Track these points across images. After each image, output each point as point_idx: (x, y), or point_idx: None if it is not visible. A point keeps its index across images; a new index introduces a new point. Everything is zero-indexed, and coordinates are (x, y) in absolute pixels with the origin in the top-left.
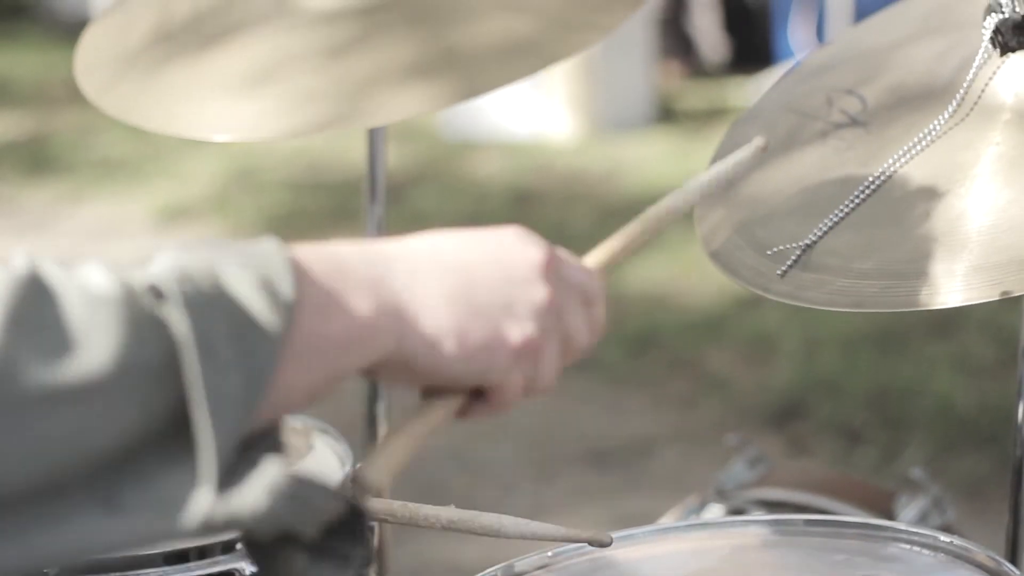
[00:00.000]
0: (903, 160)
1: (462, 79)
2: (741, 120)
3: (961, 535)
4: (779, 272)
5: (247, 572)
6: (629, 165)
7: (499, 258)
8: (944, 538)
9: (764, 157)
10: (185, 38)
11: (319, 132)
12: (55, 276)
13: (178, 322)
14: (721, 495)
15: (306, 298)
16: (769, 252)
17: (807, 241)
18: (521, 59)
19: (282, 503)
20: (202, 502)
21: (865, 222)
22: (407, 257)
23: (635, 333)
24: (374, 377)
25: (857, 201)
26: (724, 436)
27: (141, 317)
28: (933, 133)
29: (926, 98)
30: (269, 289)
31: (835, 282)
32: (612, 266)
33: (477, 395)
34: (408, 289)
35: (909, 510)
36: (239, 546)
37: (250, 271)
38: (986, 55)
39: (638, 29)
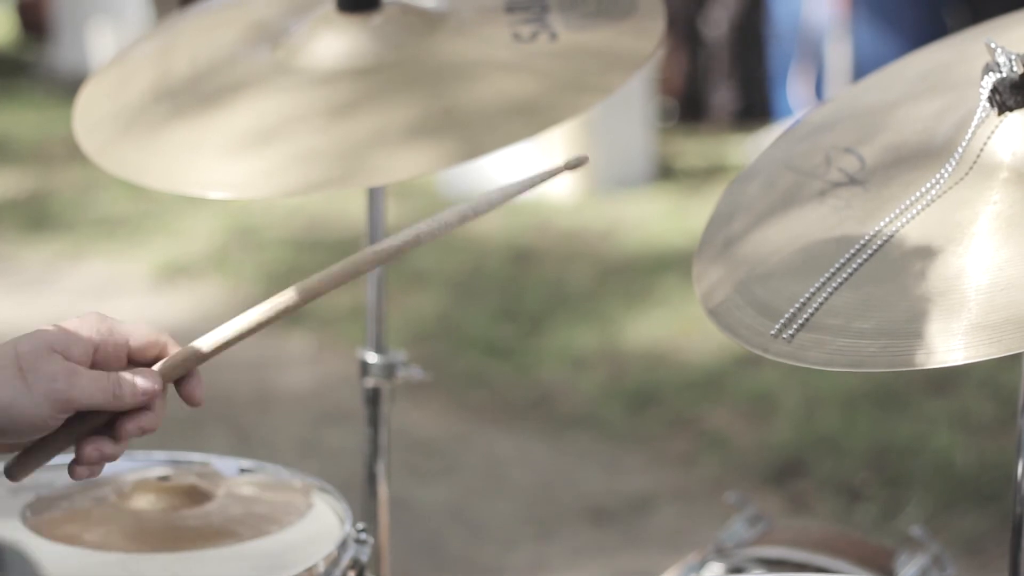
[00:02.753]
0: (901, 219)
1: (463, 140)
2: (740, 178)
3: None
4: (772, 332)
5: None
6: (628, 223)
7: None
8: None
9: (762, 216)
10: (184, 96)
11: (319, 191)
12: None
13: None
14: (721, 553)
15: None
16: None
17: (801, 301)
18: (522, 120)
19: None
20: None
21: (864, 281)
22: None
23: (635, 390)
24: None
25: (855, 260)
26: (724, 494)
27: None
28: (931, 192)
29: (924, 157)
30: None
31: (834, 341)
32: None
33: None
34: None
35: (909, 568)
36: None
37: None
38: (984, 114)
39: (638, 89)
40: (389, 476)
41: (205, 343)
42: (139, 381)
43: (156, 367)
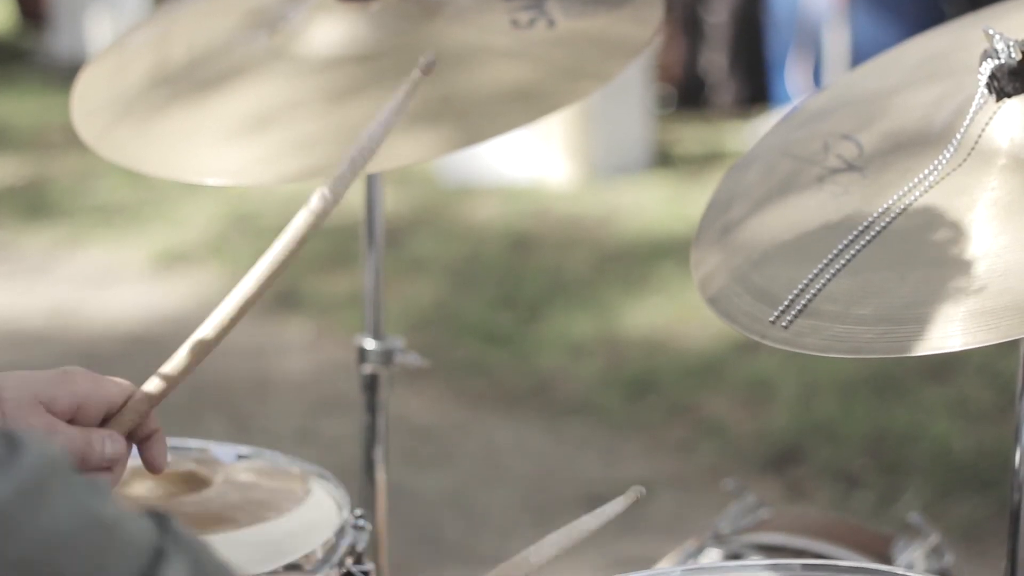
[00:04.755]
0: (899, 205)
1: (461, 127)
2: (738, 165)
3: None
4: (770, 319)
5: None
6: (626, 210)
7: None
8: None
9: (760, 203)
10: (182, 83)
11: (317, 178)
12: None
13: None
14: (719, 539)
15: None
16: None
17: (800, 287)
18: (520, 107)
19: None
20: None
21: (862, 268)
22: None
23: (633, 378)
24: None
25: (852, 246)
26: (722, 481)
27: None
28: (929, 178)
29: (922, 143)
30: None
31: (832, 328)
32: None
33: None
34: None
35: (907, 554)
36: None
37: None
38: (982, 101)
39: (636, 75)
40: (387, 463)
41: (165, 370)
42: (108, 447)
43: (112, 423)
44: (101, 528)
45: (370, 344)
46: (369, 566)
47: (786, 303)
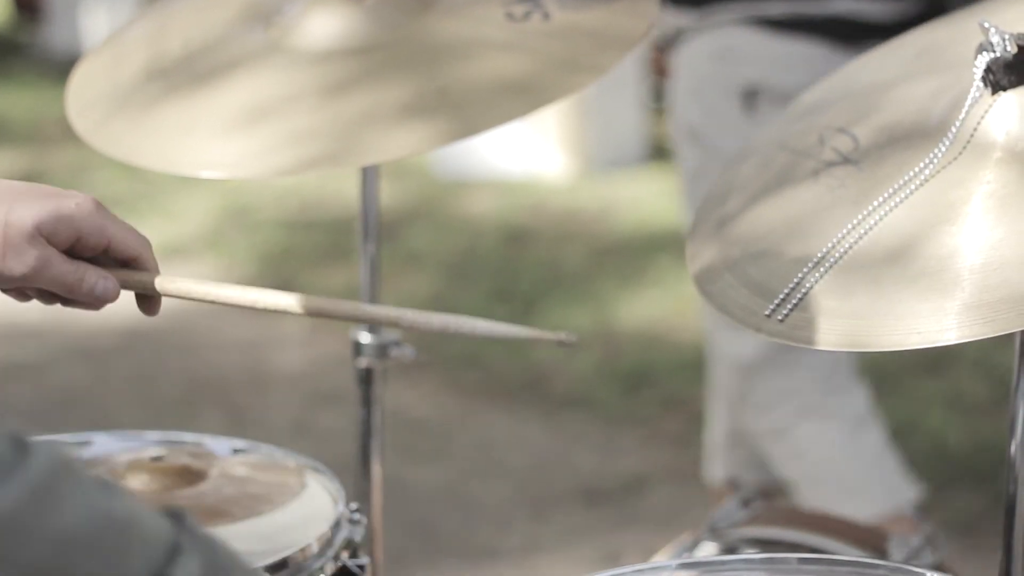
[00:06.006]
0: (895, 198)
1: (456, 119)
2: (735, 157)
3: (954, 573)
4: (766, 312)
5: None
6: (622, 203)
7: None
8: None
9: (756, 196)
10: (178, 76)
11: (313, 171)
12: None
13: None
14: (714, 533)
15: None
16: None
17: (796, 280)
18: (515, 99)
19: None
20: None
21: (857, 261)
22: None
23: (628, 371)
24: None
25: (848, 240)
26: None
27: None
28: (925, 172)
29: (918, 137)
30: None
31: (828, 321)
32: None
33: None
34: None
35: (903, 548)
36: None
37: None
38: (978, 94)
39: (631, 69)
40: (383, 456)
41: (176, 283)
42: (99, 286)
43: (119, 274)
44: (115, 527)
45: (365, 338)
46: (365, 559)
47: (782, 296)
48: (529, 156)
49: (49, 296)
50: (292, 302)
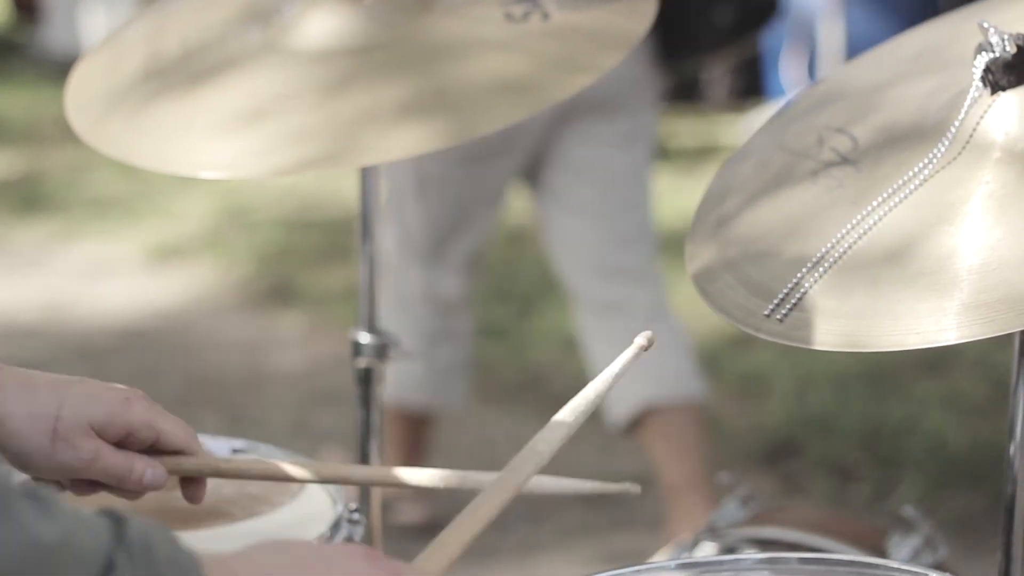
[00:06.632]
0: (893, 199)
1: (455, 119)
2: (733, 158)
3: (953, 573)
4: (765, 313)
5: None
6: None
7: None
8: None
9: (755, 196)
10: (176, 76)
11: (311, 170)
12: None
13: None
14: (713, 533)
15: None
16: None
17: (794, 280)
18: (514, 100)
19: None
20: None
21: (856, 261)
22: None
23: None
24: None
25: (847, 240)
26: (716, 475)
27: None
28: (924, 172)
29: (917, 137)
30: None
31: (827, 321)
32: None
33: None
34: None
35: (901, 548)
36: None
37: None
38: (977, 94)
39: None
40: (381, 457)
41: (226, 462)
42: (148, 476)
43: (167, 462)
44: (43, 553)
45: (364, 338)
46: None
47: (781, 296)
48: None
49: (92, 485)
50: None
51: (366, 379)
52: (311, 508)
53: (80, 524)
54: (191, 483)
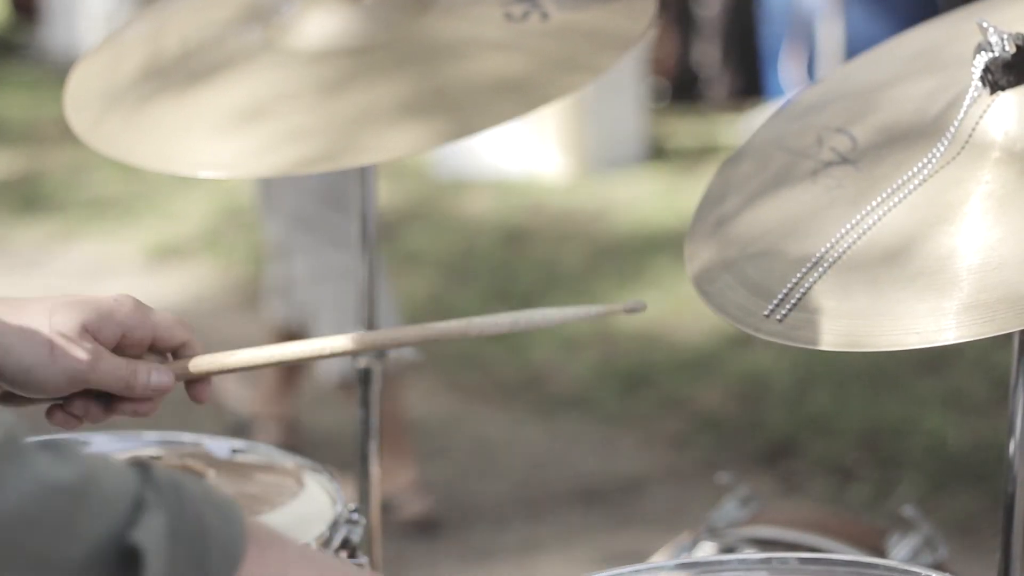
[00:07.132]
0: (893, 198)
1: (454, 119)
2: (732, 158)
3: (953, 573)
4: (765, 313)
5: None
6: (620, 203)
7: None
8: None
9: (754, 196)
10: (175, 75)
11: (310, 170)
12: None
13: None
14: (713, 533)
15: None
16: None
17: (794, 280)
18: (513, 100)
19: None
20: None
21: (856, 261)
22: None
23: (627, 372)
24: None
25: (846, 240)
26: (716, 474)
27: None
28: (923, 172)
29: (916, 137)
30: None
31: (826, 321)
32: None
33: None
34: None
35: (901, 548)
36: None
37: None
38: (976, 94)
39: (629, 69)
40: (381, 457)
41: (227, 358)
42: (153, 377)
43: (171, 365)
44: (62, 497)
45: None
46: (363, 559)
47: (780, 296)
48: (527, 156)
49: (98, 406)
50: (347, 343)
51: (365, 379)
52: (310, 508)
53: (104, 467)
54: (196, 382)
